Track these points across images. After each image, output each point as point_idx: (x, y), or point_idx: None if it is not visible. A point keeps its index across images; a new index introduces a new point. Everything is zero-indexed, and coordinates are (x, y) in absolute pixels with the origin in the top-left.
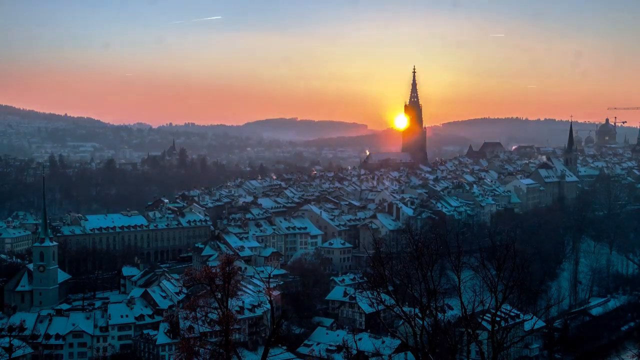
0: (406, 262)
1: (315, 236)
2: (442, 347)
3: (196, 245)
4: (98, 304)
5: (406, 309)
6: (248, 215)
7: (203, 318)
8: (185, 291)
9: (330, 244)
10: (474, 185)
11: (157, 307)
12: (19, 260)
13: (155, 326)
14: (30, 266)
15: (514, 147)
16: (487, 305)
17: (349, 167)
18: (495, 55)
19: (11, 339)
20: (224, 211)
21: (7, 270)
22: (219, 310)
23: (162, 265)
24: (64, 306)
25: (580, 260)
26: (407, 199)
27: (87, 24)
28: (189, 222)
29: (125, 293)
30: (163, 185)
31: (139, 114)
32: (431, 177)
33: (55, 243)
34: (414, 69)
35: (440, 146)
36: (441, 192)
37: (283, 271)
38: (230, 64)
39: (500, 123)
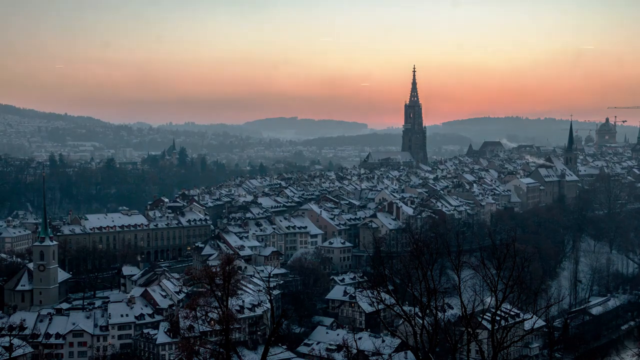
0: (406, 261)
1: (315, 235)
2: (442, 347)
3: (196, 244)
4: (98, 303)
5: (406, 308)
6: (248, 215)
7: (203, 317)
8: (186, 290)
9: (330, 243)
10: (474, 185)
11: (157, 307)
12: (19, 259)
13: (156, 325)
14: (31, 265)
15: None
16: (487, 304)
17: (349, 166)
18: (496, 54)
19: (11, 338)
20: (224, 210)
21: (7, 270)
22: (219, 310)
23: (162, 265)
24: (64, 305)
25: (580, 260)
26: (407, 198)
27: (87, 23)
28: (189, 221)
29: (125, 292)
30: (163, 184)
31: (139, 114)
32: (431, 176)
33: (55, 242)
34: (414, 68)
35: (440, 145)
36: (441, 192)
37: (283, 270)
38: (230, 63)
39: (501, 122)
